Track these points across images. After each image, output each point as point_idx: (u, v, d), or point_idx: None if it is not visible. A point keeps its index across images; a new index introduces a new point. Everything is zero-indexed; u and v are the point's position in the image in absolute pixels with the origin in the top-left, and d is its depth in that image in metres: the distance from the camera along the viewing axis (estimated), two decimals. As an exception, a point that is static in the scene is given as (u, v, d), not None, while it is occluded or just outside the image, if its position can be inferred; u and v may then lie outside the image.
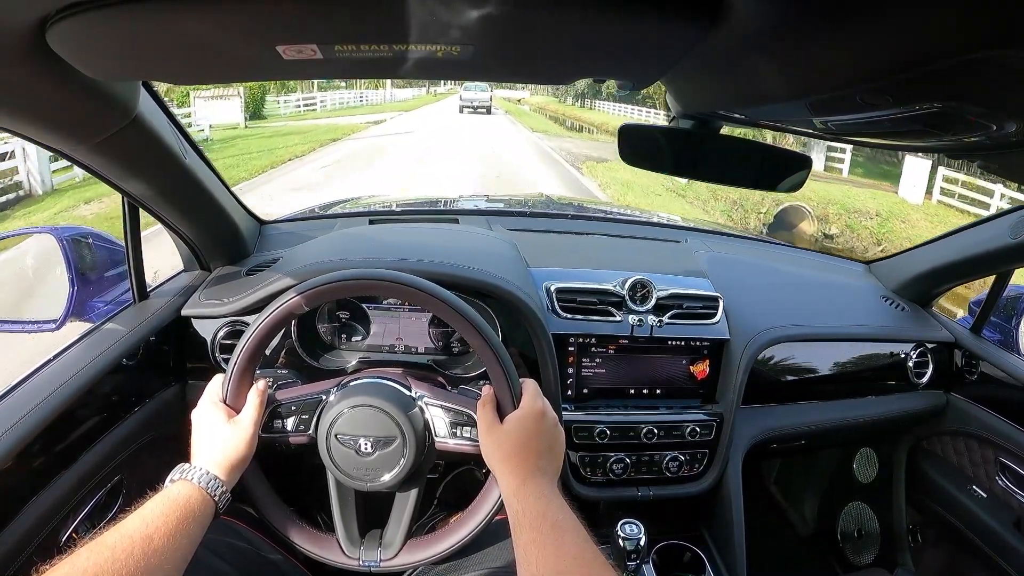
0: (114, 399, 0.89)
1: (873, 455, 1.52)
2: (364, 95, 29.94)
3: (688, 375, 1.15)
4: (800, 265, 1.51)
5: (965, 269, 1.28)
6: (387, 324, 1.09)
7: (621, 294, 1.12)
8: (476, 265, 1.01)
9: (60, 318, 0.96)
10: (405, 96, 40.18)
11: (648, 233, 1.54)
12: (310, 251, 1.10)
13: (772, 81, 0.43)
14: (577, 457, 1.10)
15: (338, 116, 21.11)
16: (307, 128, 16.09)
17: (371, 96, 31.29)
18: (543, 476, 0.65)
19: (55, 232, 0.99)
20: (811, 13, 0.34)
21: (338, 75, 0.55)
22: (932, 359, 1.32)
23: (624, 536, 0.96)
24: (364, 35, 0.42)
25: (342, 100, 26.62)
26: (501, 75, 0.55)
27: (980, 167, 0.55)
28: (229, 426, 0.70)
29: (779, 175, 0.71)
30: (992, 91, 0.34)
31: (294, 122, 18.28)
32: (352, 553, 0.77)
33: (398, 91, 38.96)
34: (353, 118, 20.18)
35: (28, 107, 0.56)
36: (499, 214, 1.55)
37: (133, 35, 0.43)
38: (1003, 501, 1.23)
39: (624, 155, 0.73)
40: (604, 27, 0.40)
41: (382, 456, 0.73)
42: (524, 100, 40.59)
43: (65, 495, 0.77)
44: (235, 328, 1.03)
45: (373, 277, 0.72)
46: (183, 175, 0.88)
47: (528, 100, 40.79)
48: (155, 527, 0.56)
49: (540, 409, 0.70)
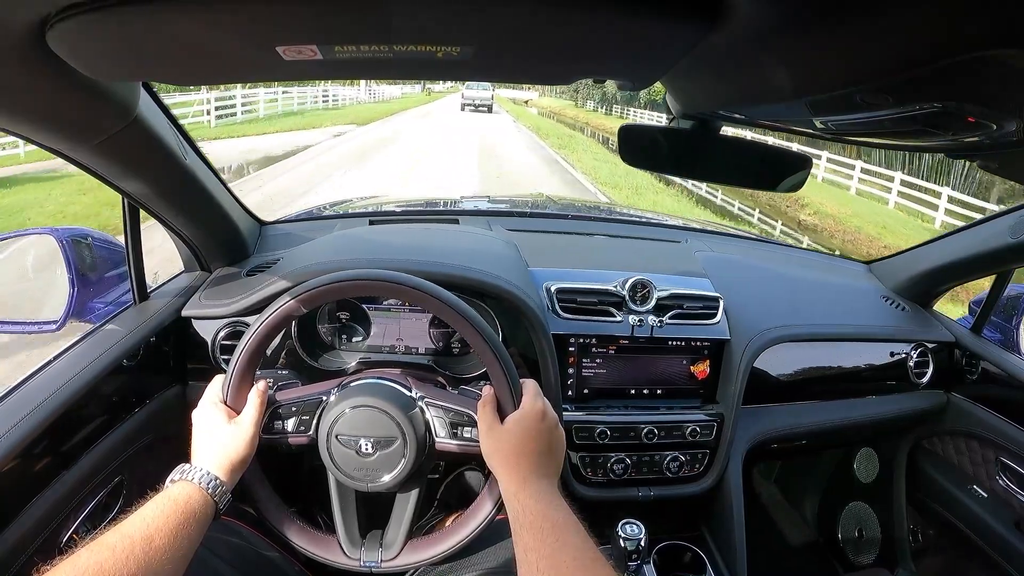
0: (115, 400, 0.89)
1: (874, 455, 1.52)
2: (331, 93, 22.86)
3: (688, 375, 1.15)
4: (800, 265, 1.51)
5: (965, 269, 1.28)
6: (387, 325, 1.09)
7: (621, 294, 1.12)
8: (476, 265, 1.01)
9: (60, 319, 0.96)
10: (393, 94, 35.54)
11: (648, 233, 1.54)
12: (310, 252, 1.10)
13: (772, 81, 0.43)
14: (578, 457, 1.10)
15: (274, 131, 13.53)
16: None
17: (344, 95, 24.61)
18: (543, 477, 0.65)
19: (55, 233, 0.99)
20: (811, 13, 0.34)
21: (338, 75, 0.55)
22: (932, 359, 1.32)
23: (625, 536, 0.96)
24: (364, 36, 0.42)
25: (299, 102, 19.10)
26: (501, 75, 0.55)
27: (980, 167, 0.55)
28: (230, 427, 0.70)
29: (779, 175, 0.71)
30: (992, 91, 0.34)
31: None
32: (353, 554, 0.77)
33: (388, 88, 34.43)
34: (295, 135, 13.10)
35: (28, 107, 0.56)
36: (499, 214, 1.55)
37: (133, 35, 0.43)
38: (1004, 501, 1.23)
39: (624, 155, 0.73)
40: (604, 27, 0.40)
41: (382, 457, 0.73)
42: (532, 102, 38.09)
43: (66, 496, 0.77)
44: (235, 329, 1.03)
45: (373, 278, 0.72)
46: (183, 175, 0.88)
47: (537, 102, 38.41)
48: (156, 527, 0.56)
49: (540, 410, 0.70)
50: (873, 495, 1.52)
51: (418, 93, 42.48)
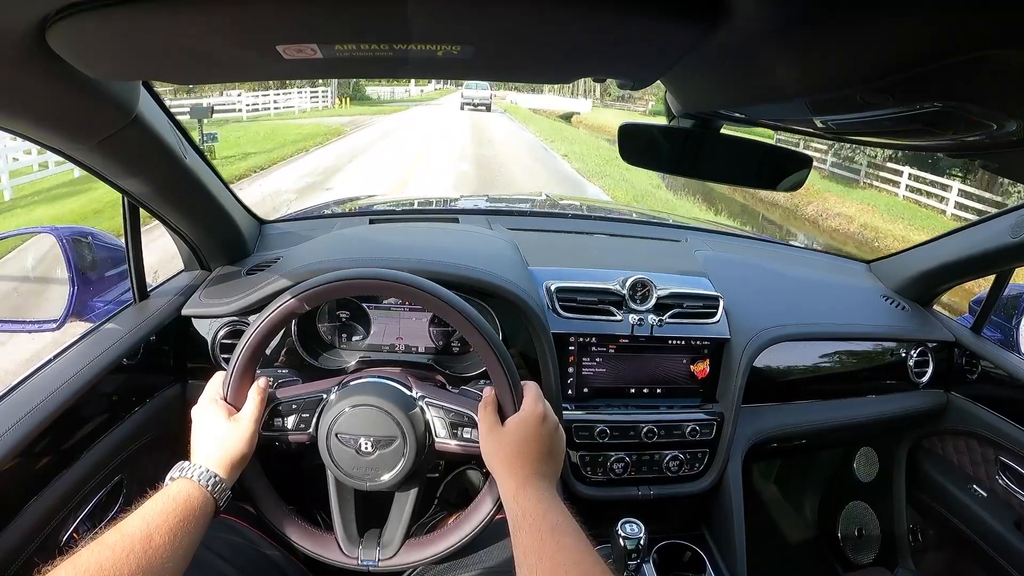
0: (115, 399, 0.89)
1: (873, 454, 1.52)
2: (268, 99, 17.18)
3: (688, 374, 1.15)
4: (801, 264, 1.51)
5: (965, 268, 1.28)
6: (387, 324, 1.09)
7: (621, 293, 1.12)
8: (476, 265, 1.01)
9: (61, 318, 0.96)
10: (382, 93, 30.34)
11: (648, 232, 1.54)
12: (310, 251, 1.10)
13: (772, 80, 0.43)
14: (577, 456, 1.10)
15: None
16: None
17: (291, 104, 18.23)
18: (543, 479, 0.65)
19: (55, 232, 0.99)
20: (811, 13, 0.34)
21: (338, 75, 0.55)
22: (932, 358, 1.32)
23: (624, 535, 0.96)
24: (364, 35, 0.42)
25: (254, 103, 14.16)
26: (501, 75, 0.55)
27: (981, 166, 0.55)
28: (229, 423, 0.70)
29: (779, 174, 0.71)
30: (992, 91, 0.34)
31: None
32: (351, 552, 0.77)
33: (380, 88, 30.47)
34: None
35: (28, 107, 0.56)
36: (499, 213, 1.55)
37: (133, 35, 0.43)
38: (1003, 500, 1.23)
39: (624, 154, 0.73)
40: (604, 26, 0.40)
41: (382, 456, 0.73)
42: (581, 119, 26.18)
43: (66, 495, 0.77)
44: (236, 328, 1.03)
45: (373, 276, 0.72)
46: (183, 175, 0.88)
47: (587, 120, 25.61)
48: (155, 526, 0.56)
49: (541, 412, 0.70)
50: (873, 494, 1.52)
51: (409, 95, 34.62)
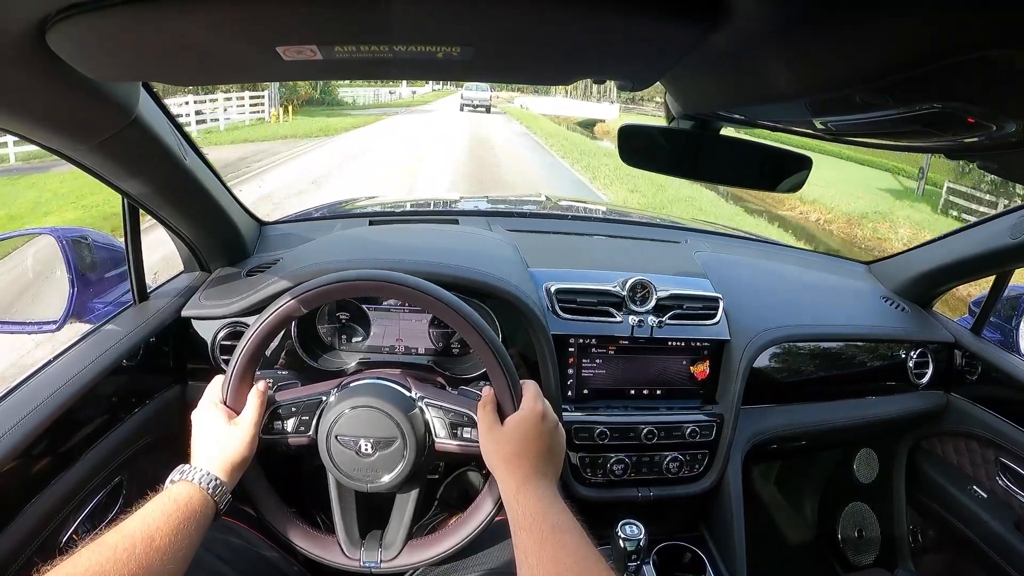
0: (114, 400, 0.89)
1: (873, 455, 1.52)
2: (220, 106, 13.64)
3: (688, 376, 1.15)
4: (800, 265, 1.50)
5: (965, 269, 1.28)
6: (387, 325, 1.09)
7: (621, 295, 1.12)
8: (476, 266, 1.01)
9: (60, 319, 0.96)
10: (360, 96, 24.54)
11: (648, 234, 1.54)
12: (310, 252, 1.10)
13: (772, 81, 0.43)
14: (577, 458, 1.10)
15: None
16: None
17: (217, 116, 13.92)
18: (543, 478, 0.65)
19: (55, 233, 0.99)
20: (811, 13, 0.34)
21: (338, 76, 0.55)
22: (932, 359, 1.32)
23: (624, 536, 0.96)
24: (364, 36, 0.42)
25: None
26: (501, 76, 0.55)
27: (980, 167, 0.55)
28: (229, 427, 0.70)
29: (779, 175, 0.71)
30: (992, 91, 0.34)
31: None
32: (352, 554, 0.77)
33: (358, 90, 24.75)
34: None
35: (28, 107, 0.56)
36: (499, 215, 1.55)
37: (133, 36, 0.43)
38: (1003, 501, 1.23)
39: (624, 155, 0.73)
40: (604, 27, 0.40)
41: (382, 457, 0.73)
42: (605, 128, 21.13)
43: (65, 496, 0.77)
44: (235, 329, 1.03)
45: (373, 278, 0.72)
46: (183, 176, 0.88)
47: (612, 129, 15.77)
48: (156, 527, 0.56)
49: (541, 411, 0.70)
50: (873, 495, 1.52)
51: (400, 98, 30.15)
